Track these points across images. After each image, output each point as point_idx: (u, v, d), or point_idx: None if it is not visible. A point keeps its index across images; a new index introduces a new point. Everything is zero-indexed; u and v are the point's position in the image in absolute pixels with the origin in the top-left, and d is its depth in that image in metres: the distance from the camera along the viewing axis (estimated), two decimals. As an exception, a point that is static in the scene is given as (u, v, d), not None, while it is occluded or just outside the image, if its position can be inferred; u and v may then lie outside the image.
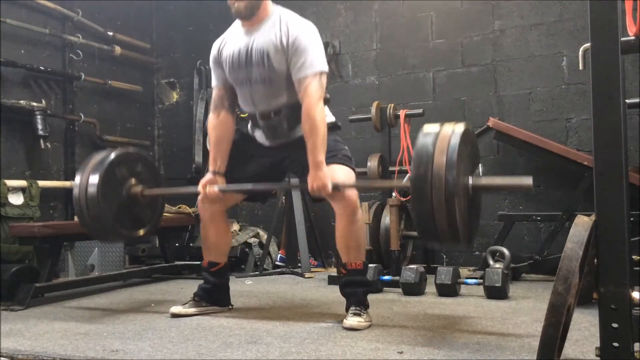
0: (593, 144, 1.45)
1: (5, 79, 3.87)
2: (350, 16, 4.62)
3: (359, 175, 4.00)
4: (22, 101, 3.87)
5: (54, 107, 4.22)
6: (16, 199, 3.67)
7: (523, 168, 4.02)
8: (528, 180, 1.98)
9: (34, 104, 3.93)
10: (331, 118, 2.53)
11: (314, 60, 2.32)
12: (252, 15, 2.40)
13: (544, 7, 4.01)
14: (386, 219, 3.65)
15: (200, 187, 2.51)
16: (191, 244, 4.44)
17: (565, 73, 3.95)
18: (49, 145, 4.09)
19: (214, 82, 2.60)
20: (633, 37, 1.58)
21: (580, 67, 1.85)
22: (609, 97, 1.42)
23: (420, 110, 3.91)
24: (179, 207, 4.25)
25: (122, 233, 2.63)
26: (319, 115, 2.29)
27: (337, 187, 2.31)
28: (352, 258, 2.43)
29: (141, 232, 2.72)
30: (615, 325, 1.38)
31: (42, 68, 4.08)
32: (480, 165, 2.32)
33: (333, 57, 4.57)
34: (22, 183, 3.76)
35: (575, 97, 3.92)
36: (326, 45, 4.55)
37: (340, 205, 2.37)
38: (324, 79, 2.35)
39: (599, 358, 1.41)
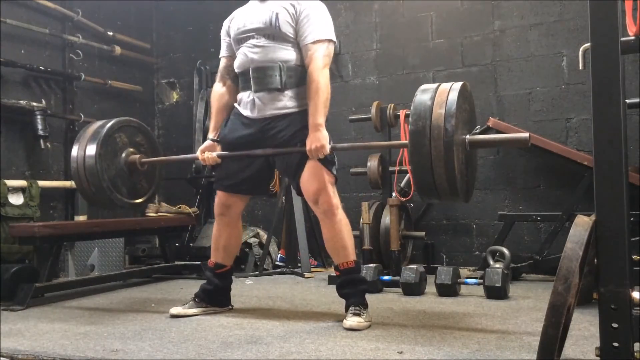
0: (593, 144, 1.45)
1: (5, 79, 3.87)
2: (350, 16, 4.62)
3: (358, 175, 4.03)
4: (22, 101, 3.88)
5: (54, 107, 4.22)
6: (16, 199, 3.67)
7: (523, 168, 4.02)
8: (524, 135, 1.98)
9: (34, 104, 3.93)
10: None
11: (323, 28, 2.42)
12: None
13: (544, 7, 4.01)
14: (386, 219, 3.65)
15: (199, 153, 2.56)
16: (191, 244, 4.44)
17: (565, 73, 3.95)
18: (49, 145, 4.09)
19: (222, 53, 2.65)
20: (633, 37, 1.58)
21: (580, 67, 1.85)
22: (609, 97, 1.42)
23: (420, 110, 3.91)
24: (179, 207, 4.25)
25: (119, 200, 2.64)
26: (323, 79, 2.37)
27: (335, 148, 2.38)
28: (342, 258, 2.45)
29: (138, 201, 2.74)
30: (615, 325, 1.38)
31: (42, 68, 4.08)
32: (477, 127, 2.32)
33: (333, 57, 4.56)
34: (22, 183, 3.76)
35: (575, 97, 3.92)
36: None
37: (319, 210, 2.42)
38: (332, 48, 2.45)
39: (599, 358, 1.41)
